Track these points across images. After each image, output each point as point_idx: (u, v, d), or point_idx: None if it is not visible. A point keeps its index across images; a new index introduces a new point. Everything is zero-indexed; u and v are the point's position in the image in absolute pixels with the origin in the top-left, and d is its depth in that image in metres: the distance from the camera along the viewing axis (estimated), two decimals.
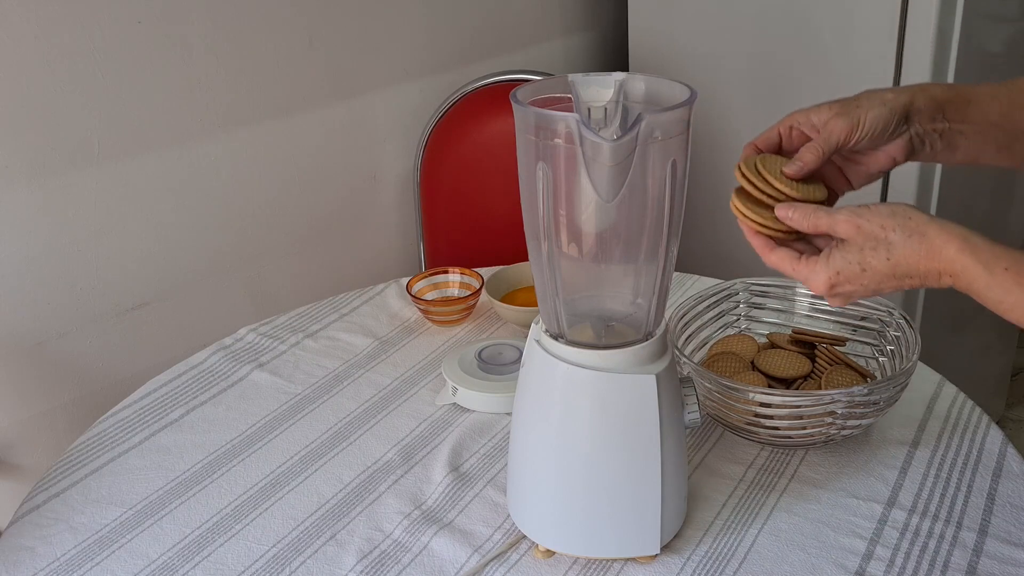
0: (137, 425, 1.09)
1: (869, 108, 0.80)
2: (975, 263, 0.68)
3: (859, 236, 0.72)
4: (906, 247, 0.71)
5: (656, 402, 0.79)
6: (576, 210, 0.78)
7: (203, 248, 1.51)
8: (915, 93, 0.81)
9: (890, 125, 0.80)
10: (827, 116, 0.81)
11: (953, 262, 0.69)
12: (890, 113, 0.80)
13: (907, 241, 0.70)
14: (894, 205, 0.72)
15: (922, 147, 0.82)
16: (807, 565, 0.85)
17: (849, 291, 0.74)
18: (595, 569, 0.86)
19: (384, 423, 1.08)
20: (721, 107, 1.79)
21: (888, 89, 0.82)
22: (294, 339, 1.25)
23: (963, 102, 0.82)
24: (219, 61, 1.44)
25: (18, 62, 1.24)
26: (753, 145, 0.84)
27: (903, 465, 0.97)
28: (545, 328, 0.83)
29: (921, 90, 0.82)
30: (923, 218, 0.71)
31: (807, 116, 0.82)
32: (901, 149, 0.82)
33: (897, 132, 0.81)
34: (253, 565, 0.88)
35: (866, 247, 0.72)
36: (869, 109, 0.80)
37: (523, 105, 0.75)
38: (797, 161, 0.79)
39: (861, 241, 0.72)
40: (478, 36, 1.84)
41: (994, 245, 0.69)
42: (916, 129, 0.82)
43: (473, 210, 1.72)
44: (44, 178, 1.30)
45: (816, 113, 0.82)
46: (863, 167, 0.85)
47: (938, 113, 0.82)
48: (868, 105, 0.80)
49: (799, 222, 0.76)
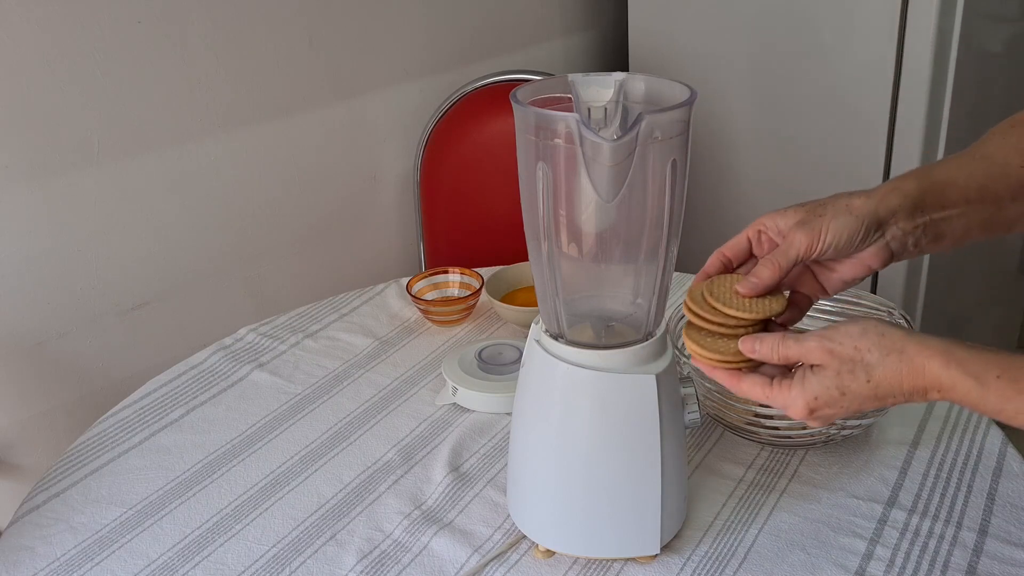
0: (137, 425, 1.09)
1: (833, 217, 0.74)
2: (964, 376, 0.64)
3: (834, 361, 0.68)
4: (885, 367, 0.67)
5: (656, 402, 0.79)
6: (576, 210, 0.78)
7: (203, 248, 1.51)
8: (886, 195, 0.75)
9: (856, 235, 0.74)
10: (791, 223, 0.75)
11: (940, 378, 0.65)
12: (856, 222, 0.74)
13: (885, 360, 0.67)
14: (864, 322, 0.69)
15: (903, 249, 0.77)
16: (807, 565, 0.85)
17: (829, 414, 0.70)
18: (595, 569, 0.86)
19: (384, 423, 1.08)
20: (721, 107, 1.80)
21: (858, 194, 0.76)
22: (294, 339, 1.25)
23: (939, 188, 0.77)
24: (219, 61, 1.44)
25: (18, 62, 1.24)
26: (720, 253, 0.80)
27: (903, 465, 0.97)
28: (545, 328, 0.83)
29: (893, 190, 0.76)
30: (897, 334, 0.67)
31: (774, 221, 0.77)
32: (876, 257, 0.77)
33: (869, 241, 0.75)
34: (253, 565, 0.88)
35: (843, 370, 0.68)
36: (833, 218, 0.74)
37: (523, 105, 0.75)
38: (752, 278, 0.75)
39: (837, 365, 0.68)
40: (478, 36, 1.84)
41: (979, 353, 0.65)
42: (894, 232, 0.76)
43: (473, 210, 1.72)
44: (44, 178, 1.30)
45: (782, 218, 0.76)
46: (836, 274, 0.79)
47: (916, 209, 0.76)
48: (832, 214, 0.74)
49: (767, 355, 0.71)
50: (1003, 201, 0.78)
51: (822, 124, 1.68)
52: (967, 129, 1.62)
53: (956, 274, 1.81)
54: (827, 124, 1.67)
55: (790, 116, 1.72)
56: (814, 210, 0.75)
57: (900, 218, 0.75)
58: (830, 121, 1.67)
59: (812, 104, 1.68)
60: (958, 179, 0.77)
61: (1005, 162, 0.78)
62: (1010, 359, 0.64)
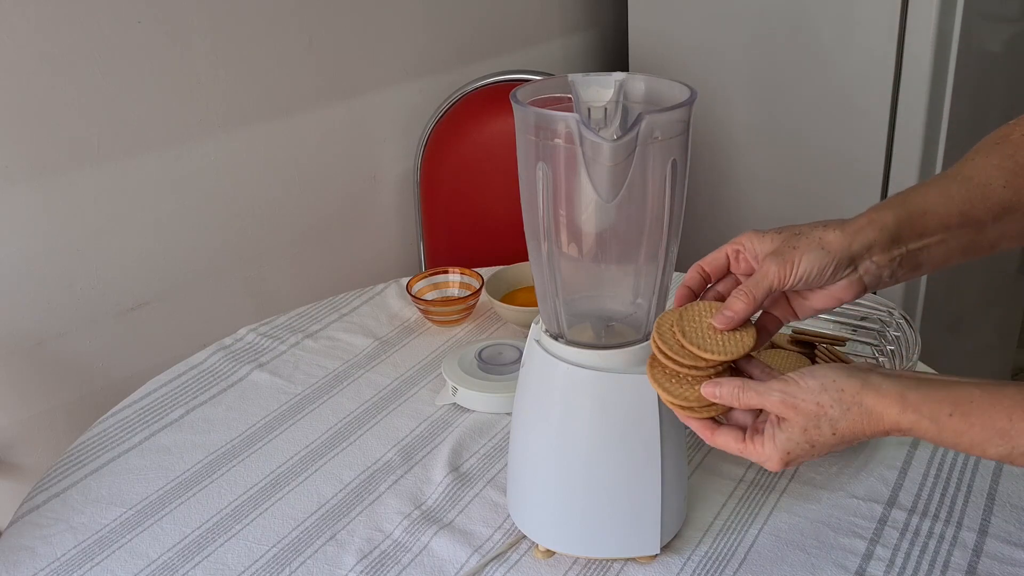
0: (137, 425, 1.09)
1: (806, 251, 0.73)
2: (919, 418, 0.66)
3: (798, 416, 0.69)
4: (847, 420, 0.68)
5: (656, 402, 0.79)
6: (576, 210, 0.78)
7: (203, 248, 1.51)
8: (861, 230, 0.74)
9: (826, 271, 0.74)
10: (766, 251, 0.75)
11: (898, 423, 0.67)
12: (827, 258, 0.73)
13: (846, 415, 0.68)
14: (823, 378, 0.69)
15: (878, 281, 0.76)
16: (807, 565, 0.85)
17: (803, 460, 0.72)
18: (595, 569, 0.86)
19: (384, 423, 1.08)
20: (721, 107, 1.79)
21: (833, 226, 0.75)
22: (294, 339, 1.25)
23: (918, 216, 0.76)
24: (219, 61, 1.44)
25: (18, 62, 1.24)
26: (699, 266, 0.79)
27: (903, 465, 0.97)
28: (545, 328, 0.83)
29: (869, 223, 0.74)
30: (855, 387, 0.68)
31: (752, 243, 0.77)
32: (846, 291, 0.76)
33: (840, 276, 0.74)
34: (253, 565, 0.88)
35: (808, 426, 0.69)
36: (806, 252, 0.73)
37: (523, 105, 0.75)
38: (727, 312, 0.74)
39: (802, 421, 0.69)
40: (478, 36, 1.84)
41: (931, 392, 0.67)
42: (867, 267, 0.75)
43: (473, 210, 1.72)
44: (44, 178, 1.30)
45: (759, 242, 0.76)
46: (808, 303, 0.79)
47: (893, 242, 0.75)
48: (806, 247, 0.74)
49: (729, 401, 0.71)
50: (984, 225, 0.77)
51: (822, 124, 1.68)
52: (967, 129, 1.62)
53: (956, 274, 1.81)
54: (827, 124, 1.67)
55: (790, 116, 1.72)
56: (789, 240, 0.75)
57: (875, 252, 0.75)
58: (830, 121, 1.67)
59: (812, 104, 1.68)
60: (938, 205, 0.76)
61: (986, 183, 0.77)
62: (962, 394, 0.66)
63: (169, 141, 1.42)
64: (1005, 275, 2.08)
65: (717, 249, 0.79)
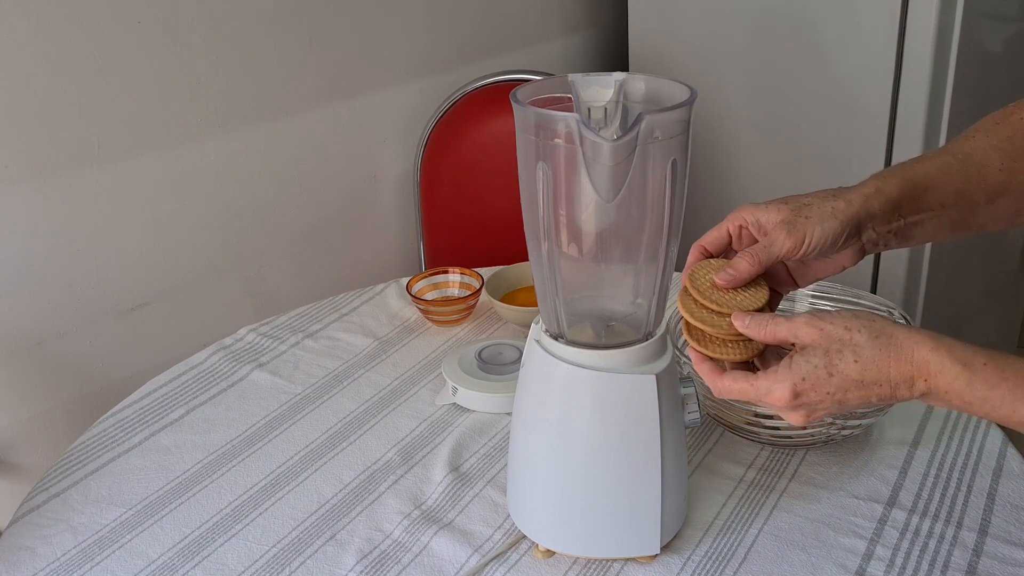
0: (137, 425, 1.09)
1: (819, 222, 0.74)
2: (952, 361, 0.64)
3: (823, 339, 0.67)
4: (874, 348, 0.66)
5: (656, 402, 0.79)
6: (576, 210, 0.78)
7: (203, 248, 1.51)
8: (869, 199, 0.75)
9: (839, 239, 0.74)
10: (774, 221, 0.75)
11: (927, 363, 0.65)
12: (840, 227, 0.74)
13: (874, 343, 0.66)
14: (855, 310, 0.69)
15: (873, 248, 0.77)
16: (807, 565, 0.85)
17: (814, 400, 0.68)
18: (595, 569, 0.86)
19: (384, 423, 1.08)
20: (721, 107, 1.79)
21: (842, 194, 0.75)
22: (294, 339, 1.25)
23: (920, 191, 0.76)
24: (219, 61, 1.44)
25: (18, 62, 1.24)
26: (700, 246, 0.79)
27: (903, 465, 0.97)
28: (545, 328, 0.83)
29: (876, 192, 0.75)
30: (886, 321, 0.67)
31: (755, 215, 0.76)
32: (850, 257, 0.77)
33: (847, 244, 0.76)
34: (253, 565, 0.88)
35: (831, 349, 0.67)
36: (819, 223, 0.74)
37: (523, 105, 0.75)
38: (729, 270, 0.74)
39: (826, 344, 0.67)
40: (478, 36, 1.84)
41: (966, 344, 0.65)
42: (869, 236, 0.76)
43: (473, 210, 1.72)
44: (44, 178, 1.30)
45: (764, 214, 0.76)
46: (811, 271, 0.79)
47: (893, 213, 0.76)
48: (818, 218, 0.74)
49: (756, 331, 0.70)
50: (977, 206, 0.78)
51: (822, 124, 1.68)
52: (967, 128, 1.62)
53: (956, 274, 1.81)
54: (827, 124, 1.67)
55: (790, 116, 1.72)
56: (799, 211, 0.75)
57: (878, 222, 0.75)
58: (830, 121, 1.67)
59: (812, 104, 1.68)
60: (937, 181, 0.77)
61: (984, 163, 0.78)
62: (997, 352, 0.65)
63: (169, 141, 1.42)
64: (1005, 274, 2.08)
65: (716, 227, 0.78)
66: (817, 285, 1.10)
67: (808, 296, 1.10)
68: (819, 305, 1.10)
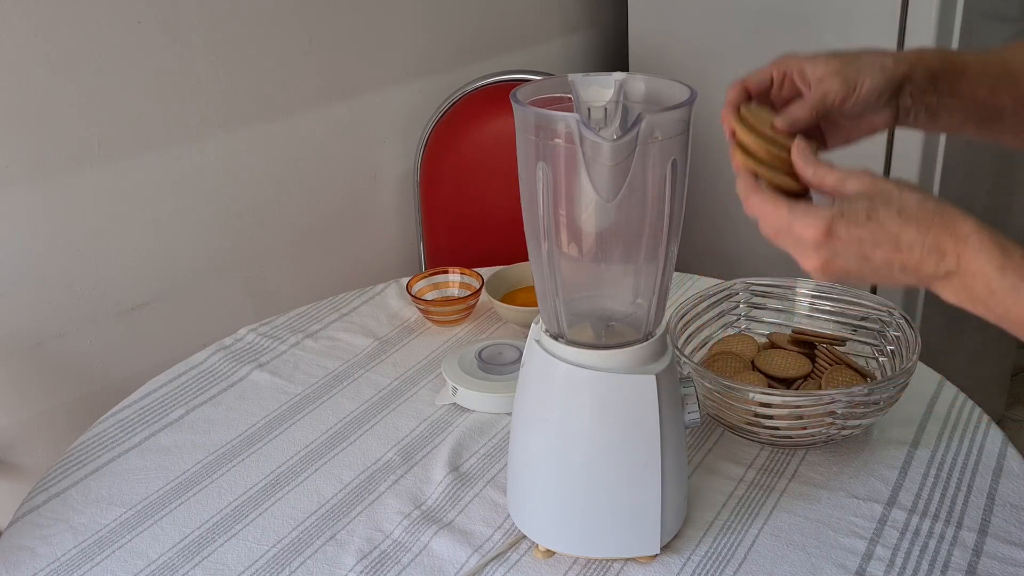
0: (137, 425, 1.09)
1: (869, 74, 0.75)
2: (992, 244, 0.62)
3: (872, 189, 0.66)
4: (920, 209, 0.64)
5: (656, 402, 0.79)
6: (576, 210, 0.78)
7: (203, 248, 1.51)
8: (913, 63, 0.77)
9: (884, 95, 0.77)
10: (823, 72, 0.76)
11: (968, 238, 0.63)
12: (887, 82, 0.76)
13: (922, 204, 0.64)
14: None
15: (906, 118, 0.79)
16: (807, 565, 0.85)
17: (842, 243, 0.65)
18: (595, 569, 0.86)
19: (384, 423, 1.08)
20: (721, 107, 1.79)
21: (888, 54, 0.77)
22: (294, 339, 1.25)
23: (957, 74, 0.78)
24: (219, 61, 1.44)
25: (18, 62, 1.24)
26: (741, 85, 0.80)
27: (903, 465, 0.97)
28: (545, 328, 0.83)
29: (919, 59, 0.78)
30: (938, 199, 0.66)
31: (801, 66, 0.77)
32: (885, 120, 0.79)
33: (888, 103, 0.78)
34: (253, 565, 0.88)
35: (878, 198, 0.65)
36: (869, 75, 0.75)
37: (523, 105, 0.75)
38: (788, 116, 0.75)
39: (873, 191, 0.65)
40: (478, 36, 1.84)
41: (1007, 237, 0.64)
42: (905, 101, 0.78)
43: (473, 210, 1.72)
44: (44, 178, 1.30)
45: (812, 65, 0.77)
46: (843, 131, 0.81)
47: (930, 85, 0.78)
48: (868, 70, 0.76)
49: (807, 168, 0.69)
50: (1005, 109, 0.79)
51: None
52: None
53: None
54: None
55: None
56: (848, 62, 0.76)
57: (915, 87, 0.77)
58: None
59: None
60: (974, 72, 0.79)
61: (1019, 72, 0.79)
62: None
63: (169, 141, 1.42)
64: None
65: (761, 68, 0.80)
66: (817, 285, 1.10)
67: (808, 296, 1.11)
68: (819, 305, 1.10)
